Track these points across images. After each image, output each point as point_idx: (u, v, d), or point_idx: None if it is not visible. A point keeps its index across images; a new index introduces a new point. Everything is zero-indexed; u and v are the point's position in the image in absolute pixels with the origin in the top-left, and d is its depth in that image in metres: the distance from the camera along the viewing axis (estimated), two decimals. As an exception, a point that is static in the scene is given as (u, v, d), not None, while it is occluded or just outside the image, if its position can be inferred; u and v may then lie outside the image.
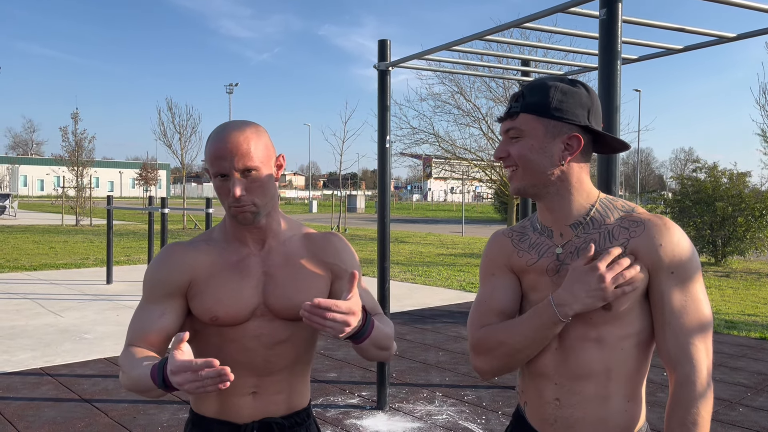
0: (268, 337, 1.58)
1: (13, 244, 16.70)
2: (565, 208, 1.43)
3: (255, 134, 1.51)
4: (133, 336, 1.54)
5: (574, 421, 1.40)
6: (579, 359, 1.38)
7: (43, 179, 71.76)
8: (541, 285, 1.44)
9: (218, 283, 1.55)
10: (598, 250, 1.37)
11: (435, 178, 27.40)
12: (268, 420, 1.60)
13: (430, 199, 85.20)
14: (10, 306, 8.37)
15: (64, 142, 25.09)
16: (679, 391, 1.32)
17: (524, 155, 1.39)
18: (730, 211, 14.39)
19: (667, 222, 1.37)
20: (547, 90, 1.39)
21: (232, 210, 1.51)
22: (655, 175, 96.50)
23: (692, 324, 1.33)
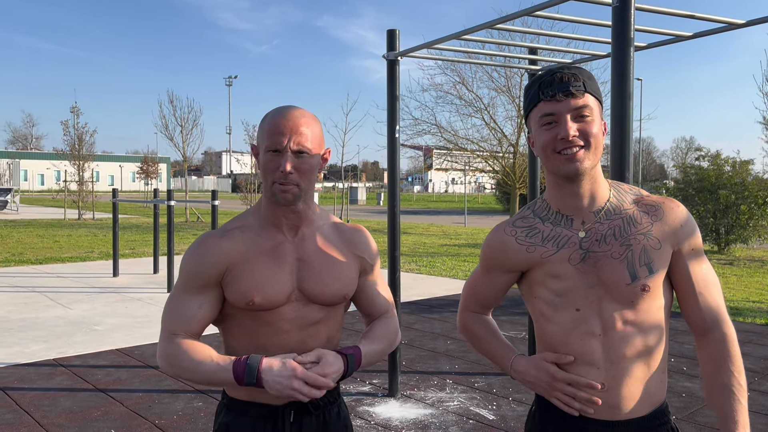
0: (302, 319, 1.62)
1: (17, 238, 16.75)
2: (594, 192, 1.45)
3: (314, 120, 1.59)
4: (175, 326, 1.59)
5: (620, 401, 1.44)
6: (622, 343, 1.42)
7: (43, 174, 71.73)
8: (565, 273, 1.45)
9: (253, 269, 1.59)
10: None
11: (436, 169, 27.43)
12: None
13: (431, 190, 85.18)
14: (19, 299, 8.42)
15: (65, 135, 25.13)
16: (722, 347, 1.44)
17: (598, 135, 1.41)
18: (733, 199, 14.41)
19: (679, 204, 1.48)
20: (592, 77, 1.44)
21: (275, 187, 1.55)
22: (656, 165, 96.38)
23: (714, 289, 1.47)
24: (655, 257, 1.42)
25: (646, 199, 1.48)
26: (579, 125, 1.40)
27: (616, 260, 1.41)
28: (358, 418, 4.32)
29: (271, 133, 1.53)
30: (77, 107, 25.65)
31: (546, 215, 1.50)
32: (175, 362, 1.55)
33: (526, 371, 1.52)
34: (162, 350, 1.58)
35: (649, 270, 1.41)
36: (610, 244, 1.42)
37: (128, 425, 4.13)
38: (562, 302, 1.46)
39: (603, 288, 1.43)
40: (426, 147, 28.49)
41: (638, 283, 1.40)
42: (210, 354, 1.55)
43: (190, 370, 1.53)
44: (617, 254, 1.42)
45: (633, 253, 1.41)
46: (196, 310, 1.59)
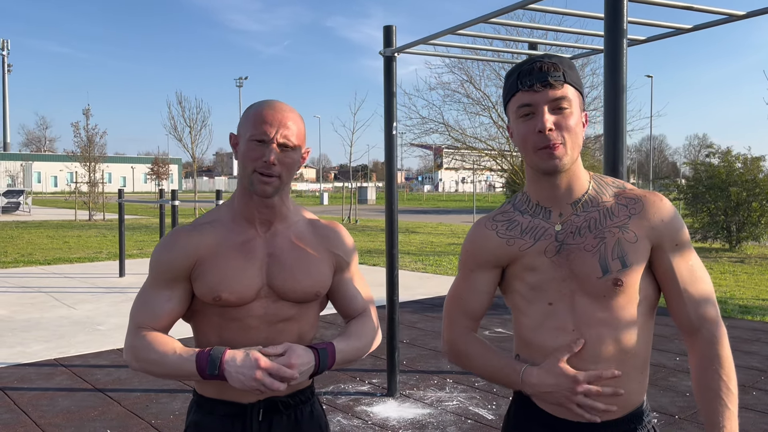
0: (272, 316, 1.59)
1: (27, 239, 16.87)
2: (572, 184, 1.41)
3: (300, 117, 1.58)
4: (142, 319, 1.57)
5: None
6: (596, 340, 1.36)
7: (56, 175, 72.35)
8: (541, 266, 1.41)
9: (222, 263, 1.56)
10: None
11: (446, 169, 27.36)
12: (273, 399, 1.61)
13: (441, 189, 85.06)
14: (25, 299, 8.46)
15: (75, 137, 25.29)
16: (709, 349, 1.37)
17: (576, 128, 1.36)
18: (744, 196, 14.23)
19: (662, 197, 1.40)
20: (572, 66, 1.39)
21: (255, 176, 1.51)
22: (669, 162, 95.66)
23: (704, 288, 1.39)
24: (630, 251, 1.35)
25: (628, 192, 1.42)
26: (556, 117, 1.34)
27: (588, 253, 1.36)
28: (355, 418, 4.28)
29: (257, 123, 1.50)
30: (89, 109, 25.81)
31: (525, 208, 1.47)
32: (140, 355, 1.52)
33: (542, 381, 1.37)
34: (128, 344, 1.55)
35: (622, 263, 1.34)
36: (584, 236, 1.38)
37: (125, 425, 4.12)
38: (536, 295, 1.42)
39: (576, 281, 1.37)
40: (436, 146, 28.43)
41: (610, 276, 1.34)
42: (174, 347, 1.52)
43: (155, 362, 1.51)
44: (590, 247, 1.37)
45: (606, 246, 1.36)
46: (164, 304, 1.57)
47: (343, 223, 24.10)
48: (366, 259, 12.84)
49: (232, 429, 1.59)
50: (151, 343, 1.52)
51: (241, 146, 1.54)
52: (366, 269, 11.44)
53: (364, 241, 17.06)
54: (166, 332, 1.59)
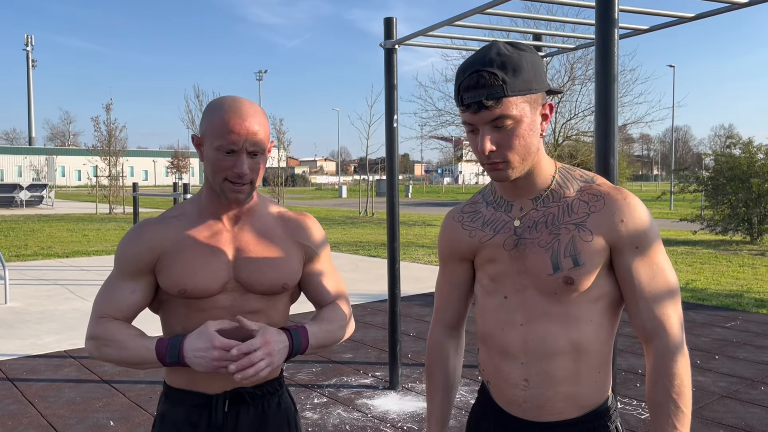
0: (238, 308, 1.59)
1: (48, 233, 17.15)
2: (530, 181, 1.37)
3: (263, 115, 1.54)
4: (104, 309, 1.58)
5: (545, 401, 1.36)
6: (545, 336, 1.33)
7: (80, 169, 73.45)
8: (500, 258, 1.39)
9: (187, 257, 1.56)
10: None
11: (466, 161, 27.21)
12: (239, 390, 1.61)
13: (462, 182, 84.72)
14: (40, 292, 8.61)
15: (96, 132, 25.61)
16: (660, 362, 1.30)
17: (519, 142, 1.28)
18: (766, 187, 13.95)
19: (627, 195, 1.33)
20: (520, 63, 1.26)
21: (226, 185, 1.51)
22: (693, 153, 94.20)
23: (663, 295, 1.31)
24: (584, 249, 1.30)
25: (593, 188, 1.35)
26: (498, 136, 1.28)
27: (541, 249, 1.33)
28: (355, 411, 4.29)
29: (224, 133, 1.47)
30: (111, 103, 26.11)
31: (492, 199, 1.45)
32: (101, 344, 1.53)
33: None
34: (89, 333, 1.56)
35: (574, 262, 1.30)
36: (540, 231, 1.35)
37: (127, 416, 4.17)
38: (494, 288, 1.41)
39: (528, 276, 1.35)
40: (456, 138, 28.29)
41: (560, 274, 1.30)
42: (135, 335, 1.52)
43: (115, 351, 1.52)
44: (544, 242, 1.33)
45: (559, 243, 1.32)
46: (128, 296, 1.58)
47: (360, 216, 24.12)
48: (380, 252, 12.85)
49: (198, 420, 1.60)
50: (111, 332, 1.53)
51: (207, 152, 1.52)
52: (379, 262, 11.44)
53: (379, 234, 17.06)
54: (128, 323, 1.59)
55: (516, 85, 1.25)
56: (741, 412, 4.20)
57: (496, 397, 1.44)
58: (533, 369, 1.35)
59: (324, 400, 4.48)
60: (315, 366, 5.22)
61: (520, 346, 1.36)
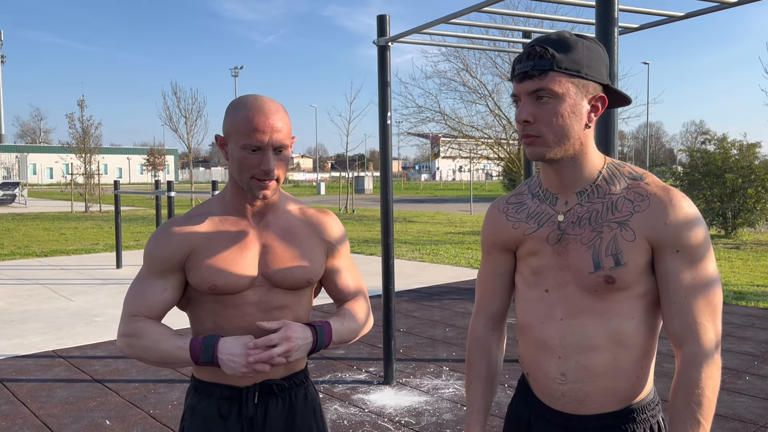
0: (266, 304, 1.62)
1: (23, 232, 16.85)
2: (576, 174, 1.36)
3: (285, 112, 1.57)
4: (136, 308, 1.60)
5: (584, 396, 1.36)
6: (583, 330, 1.33)
7: (52, 167, 72.13)
8: (543, 251, 1.40)
9: (216, 253, 1.58)
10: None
11: (443, 157, 27.35)
12: (268, 382, 1.65)
13: (439, 178, 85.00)
14: (22, 291, 8.47)
15: (71, 129, 25.20)
16: (685, 370, 1.28)
17: (557, 120, 1.28)
18: (740, 182, 14.27)
19: (674, 196, 1.30)
20: (575, 45, 1.29)
21: (253, 183, 1.53)
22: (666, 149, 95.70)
23: (700, 303, 1.28)
24: (626, 249, 1.29)
25: (641, 186, 1.33)
26: (536, 109, 1.29)
27: (584, 246, 1.33)
28: (352, 406, 4.31)
29: (249, 131, 1.49)
30: (84, 100, 25.70)
31: (537, 191, 1.44)
32: (134, 342, 1.56)
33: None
34: (121, 332, 1.58)
35: (615, 261, 1.29)
36: (583, 228, 1.34)
37: (123, 415, 4.15)
38: (535, 281, 1.41)
39: (570, 273, 1.35)
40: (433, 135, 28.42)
41: (601, 273, 1.30)
42: (168, 334, 1.55)
43: (148, 349, 1.54)
44: (586, 240, 1.33)
45: (602, 241, 1.31)
46: (159, 294, 1.60)
47: (340, 212, 24.12)
48: (363, 249, 12.87)
49: (229, 412, 1.63)
50: (144, 331, 1.55)
51: (233, 151, 1.54)
52: (362, 258, 11.46)
53: (360, 230, 17.08)
54: (159, 321, 1.62)
55: (563, 62, 1.27)
56: (728, 401, 4.32)
57: (536, 389, 1.45)
58: (571, 364, 1.35)
59: (320, 395, 4.50)
60: (308, 362, 5.23)
61: (558, 340, 1.36)
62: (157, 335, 1.54)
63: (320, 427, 1.74)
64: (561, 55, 1.27)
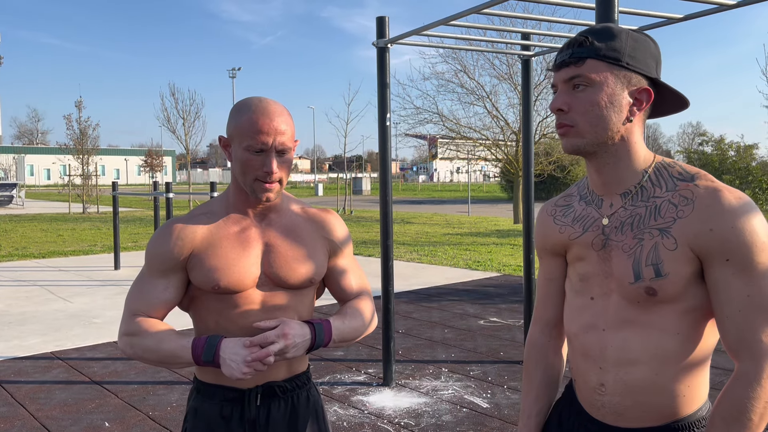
0: (268, 304, 1.62)
1: (21, 233, 16.82)
2: (618, 172, 1.28)
3: (288, 114, 1.58)
4: (138, 307, 1.60)
5: (623, 409, 1.30)
6: (624, 344, 1.27)
7: (49, 168, 72.02)
8: (588, 257, 1.34)
9: (219, 252, 1.59)
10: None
11: (440, 159, 27.38)
12: (270, 384, 1.65)
13: (436, 179, 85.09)
14: (20, 293, 8.46)
15: (68, 130, 25.16)
16: (733, 385, 1.18)
17: (593, 109, 1.23)
18: (737, 184, 14.28)
19: (723, 197, 1.18)
20: (618, 35, 1.23)
21: (257, 184, 1.54)
22: (663, 151, 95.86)
23: (756, 317, 1.16)
24: (667, 259, 1.20)
25: (689, 188, 1.22)
26: (571, 97, 1.24)
27: (625, 254, 1.26)
28: (351, 408, 4.31)
29: (253, 133, 1.50)
30: (81, 101, 25.66)
31: (585, 192, 1.38)
32: (136, 342, 1.56)
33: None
34: (122, 331, 1.58)
35: (656, 272, 1.21)
36: (625, 234, 1.27)
37: (122, 417, 4.14)
38: (581, 287, 1.36)
39: (614, 281, 1.28)
40: (431, 136, 28.44)
41: (641, 284, 1.23)
42: (170, 333, 1.55)
43: (150, 349, 1.54)
44: (628, 247, 1.26)
45: (642, 249, 1.23)
46: (161, 293, 1.60)
47: (338, 214, 24.11)
48: (361, 250, 12.87)
49: (231, 414, 1.63)
50: (146, 330, 1.55)
51: (236, 152, 1.55)
52: (361, 260, 11.46)
53: (359, 231, 17.08)
54: (160, 321, 1.62)
55: (602, 50, 1.23)
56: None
57: (579, 396, 1.42)
58: (610, 376, 1.31)
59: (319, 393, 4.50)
60: (309, 364, 5.23)
61: (599, 351, 1.32)
62: (160, 334, 1.54)
63: (322, 429, 1.74)
64: (601, 44, 1.23)
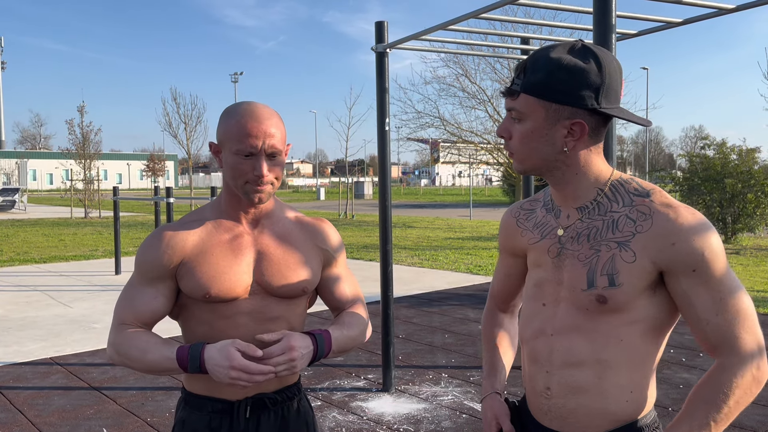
0: (260, 313, 1.60)
1: (23, 238, 16.84)
2: (572, 190, 1.33)
3: (279, 118, 1.58)
4: (126, 315, 1.58)
5: (567, 413, 1.34)
6: (570, 348, 1.32)
7: (52, 173, 72.13)
8: (544, 264, 1.39)
9: (210, 260, 1.57)
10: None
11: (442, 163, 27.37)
12: (260, 396, 1.62)
13: (438, 183, 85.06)
14: (20, 298, 8.45)
15: (71, 135, 25.20)
16: (716, 372, 1.24)
17: (524, 140, 1.29)
18: (739, 187, 14.26)
19: (680, 214, 1.23)
20: (549, 67, 1.23)
21: (248, 188, 1.53)
22: (665, 154, 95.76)
23: (732, 317, 1.22)
24: (624, 270, 1.24)
25: (645, 203, 1.26)
26: (510, 126, 1.32)
27: (580, 263, 1.30)
28: (350, 414, 4.29)
29: (242, 136, 1.49)
30: (84, 106, 25.72)
31: (548, 200, 1.43)
32: (122, 350, 1.54)
33: (485, 413, 1.52)
34: (111, 340, 1.57)
35: (610, 281, 1.25)
36: (581, 244, 1.31)
37: (120, 423, 4.13)
38: (534, 293, 1.40)
39: (565, 289, 1.33)
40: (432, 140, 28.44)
41: (593, 291, 1.27)
42: (156, 343, 1.53)
43: (136, 359, 1.52)
44: (583, 257, 1.30)
45: (599, 260, 1.28)
46: (150, 302, 1.58)
47: (340, 218, 24.12)
48: (362, 254, 12.86)
49: (220, 426, 1.60)
50: (132, 339, 1.53)
51: (226, 157, 1.54)
52: (362, 264, 11.45)
53: (360, 236, 17.07)
54: (149, 329, 1.60)
55: (532, 86, 1.25)
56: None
57: (529, 403, 1.45)
58: (555, 378, 1.34)
59: (318, 403, 4.48)
60: (307, 369, 5.22)
61: (546, 355, 1.36)
62: (144, 344, 1.52)
63: None
64: (532, 77, 1.25)
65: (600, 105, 1.23)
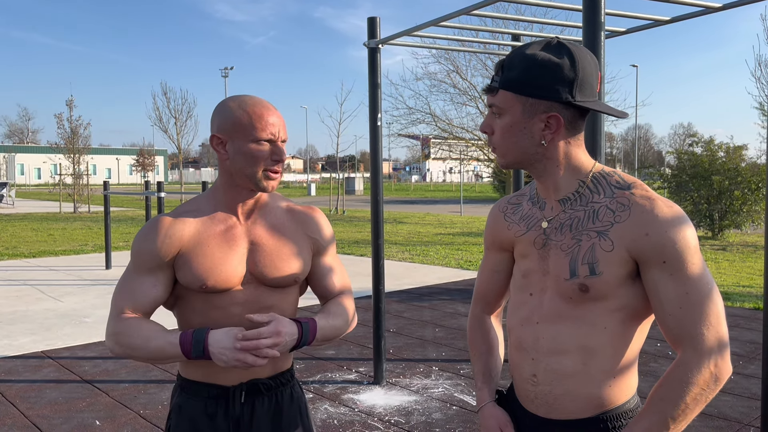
0: (253, 303, 1.63)
1: (11, 232, 16.74)
2: (552, 183, 1.37)
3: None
4: (125, 305, 1.60)
5: (553, 399, 1.38)
6: (555, 335, 1.36)
7: (40, 167, 71.64)
8: (530, 255, 1.43)
9: (205, 252, 1.60)
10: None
11: (433, 159, 27.41)
12: (255, 381, 1.66)
13: (429, 179, 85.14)
14: (10, 292, 8.43)
15: (59, 129, 25.05)
16: (674, 369, 1.26)
17: (504, 135, 1.34)
18: (726, 184, 14.41)
19: (657, 206, 1.27)
20: (524, 64, 1.29)
21: (264, 175, 1.58)
22: (654, 151, 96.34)
23: (696, 312, 1.25)
24: (603, 259, 1.28)
25: (625, 195, 1.30)
26: (492, 122, 1.36)
27: (563, 252, 1.35)
28: (342, 406, 4.34)
29: (262, 125, 1.55)
30: (72, 100, 25.56)
31: (534, 194, 1.47)
32: (123, 340, 1.55)
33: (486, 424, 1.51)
34: (110, 330, 1.58)
35: (590, 270, 1.29)
36: (564, 234, 1.36)
37: (113, 415, 4.15)
38: (523, 284, 1.44)
39: (550, 278, 1.38)
40: (423, 137, 28.50)
41: (576, 280, 1.31)
42: (157, 330, 1.55)
43: (138, 347, 1.54)
44: (566, 247, 1.34)
45: (580, 249, 1.32)
46: (149, 290, 1.60)
47: (330, 213, 24.13)
48: (353, 250, 12.89)
49: (216, 411, 1.64)
50: (133, 328, 1.55)
51: (240, 147, 1.56)
52: (353, 259, 11.49)
53: (351, 231, 17.10)
54: (148, 318, 1.62)
55: (509, 82, 1.31)
56: (713, 400, 4.37)
57: (516, 391, 1.49)
58: (541, 365, 1.38)
59: (310, 395, 4.52)
60: (299, 362, 5.26)
61: (532, 342, 1.40)
62: (147, 332, 1.54)
63: (306, 425, 1.76)
64: (509, 74, 1.31)
65: (575, 98, 1.28)
